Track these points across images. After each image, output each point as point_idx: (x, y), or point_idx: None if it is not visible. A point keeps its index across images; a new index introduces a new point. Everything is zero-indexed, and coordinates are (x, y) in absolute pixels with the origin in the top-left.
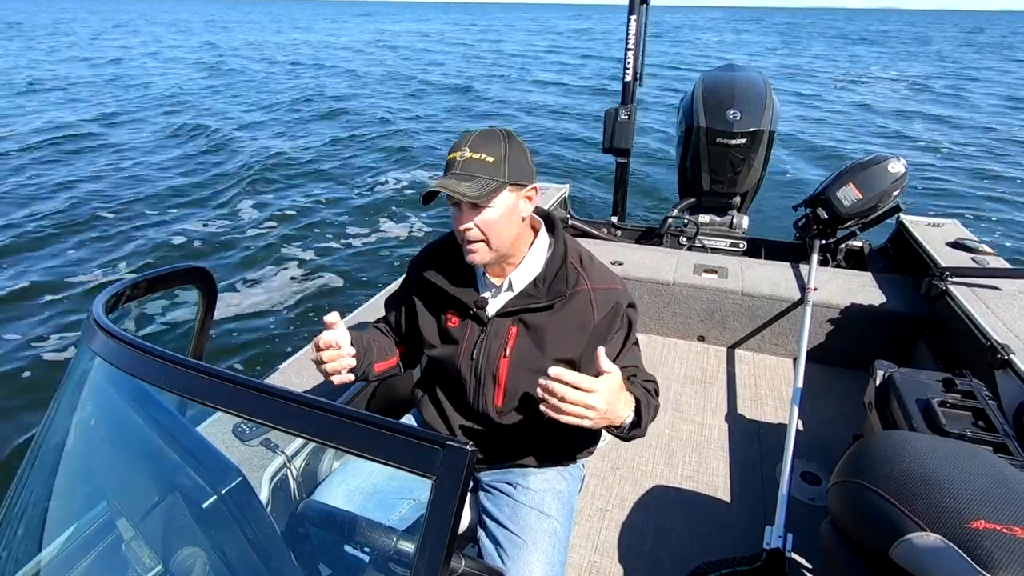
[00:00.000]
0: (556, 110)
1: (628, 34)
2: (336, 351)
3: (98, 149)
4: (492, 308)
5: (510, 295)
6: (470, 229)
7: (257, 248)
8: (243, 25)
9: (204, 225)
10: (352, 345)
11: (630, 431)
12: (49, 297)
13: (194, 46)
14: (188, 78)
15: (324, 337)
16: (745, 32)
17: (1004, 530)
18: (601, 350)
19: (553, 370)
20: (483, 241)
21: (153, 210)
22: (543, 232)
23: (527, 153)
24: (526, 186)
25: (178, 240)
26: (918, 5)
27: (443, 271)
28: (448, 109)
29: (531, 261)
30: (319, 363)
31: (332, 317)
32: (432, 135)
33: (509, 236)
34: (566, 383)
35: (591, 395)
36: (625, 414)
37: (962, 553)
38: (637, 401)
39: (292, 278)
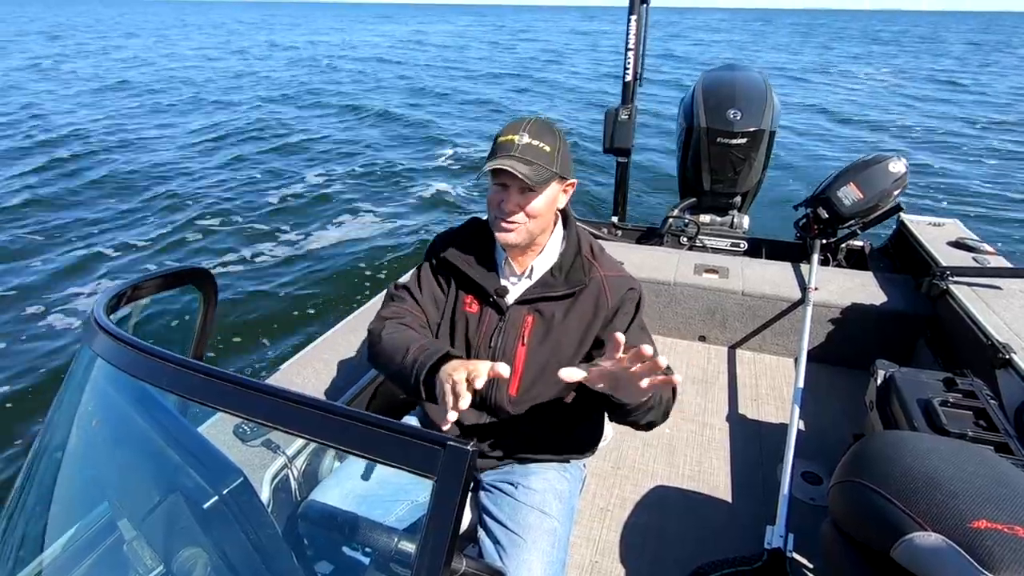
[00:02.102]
0: (557, 108)
1: (628, 34)
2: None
3: (97, 149)
4: (511, 297)
5: (528, 283)
6: (515, 212)
7: (258, 249)
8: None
9: (205, 225)
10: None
11: (639, 409)
12: (50, 297)
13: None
14: (217, 80)
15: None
16: (749, 32)
17: (1006, 530)
18: (619, 335)
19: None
20: (523, 225)
21: (154, 210)
22: (559, 224)
23: (570, 149)
24: (567, 180)
25: (179, 240)
26: (922, 7)
27: (468, 254)
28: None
29: (549, 250)
30: (453, 390)
31: (504, 369)
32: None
33: (544, 224)
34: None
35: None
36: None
37: (964, 553)
38: None
39: (294, 279)
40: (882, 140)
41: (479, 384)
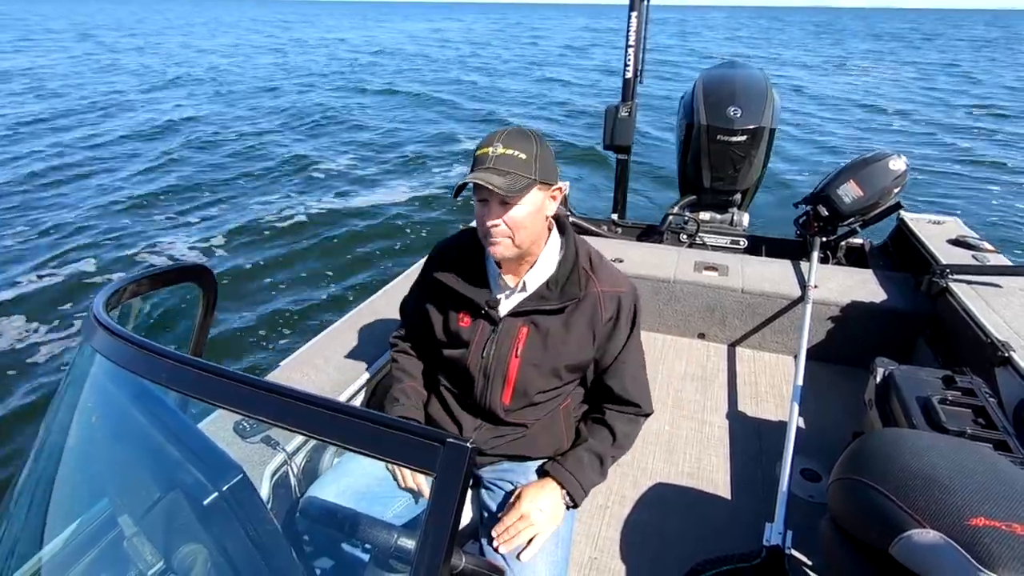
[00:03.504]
0: (556, 107)
1: (629, 31)
2: None
3: (101, 145)
4: (504, 308)
5: (522, 296)
6: (497, 225)
7: (258, 247)
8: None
9: (206, 223)
10: None
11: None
12: (50, 294)
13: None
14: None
15: None
16: (751, 29)
17: (1004, 527)
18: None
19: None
20: (509, 237)
21: (156, 208)
22: (555, 233)
23: (552, 154)
24: (552, 185)
25: (179, 238)
26: (924, 4)
27: (456, 271)
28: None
29: (544, 262)
30: None
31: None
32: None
33: (533, 233)
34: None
35: (523, 520)
36: (559, 506)
37: (962, 550)
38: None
39: (293, 276)
40: (882, 137)
41: None
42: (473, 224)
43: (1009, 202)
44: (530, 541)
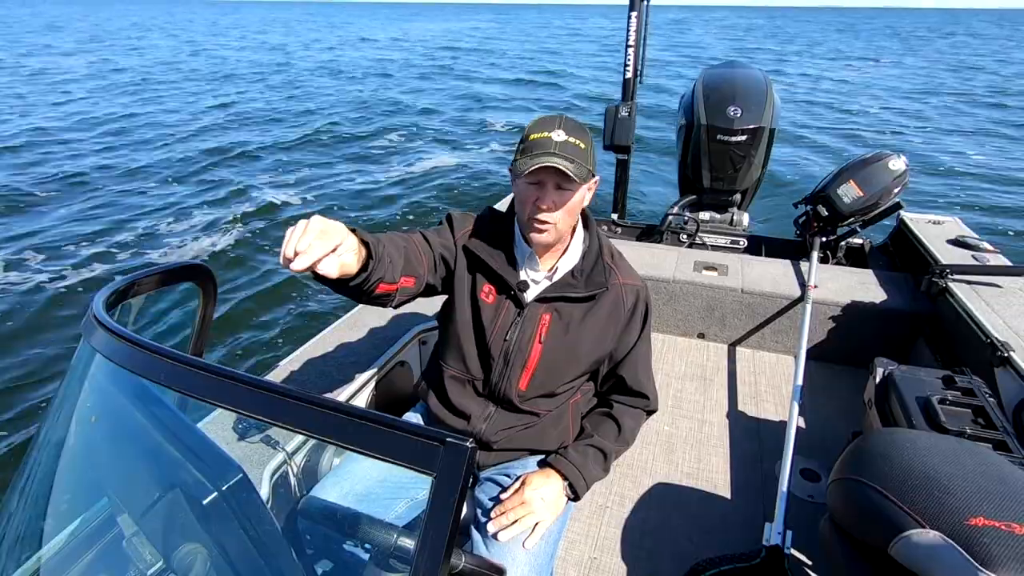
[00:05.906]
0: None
1: (628, 31)
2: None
3: (101, 145)
4: (530, 293)
5: (547, 283)
6: (551, 210)
7: (258, 245)
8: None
9: (205, 223)
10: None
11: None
12: (49, 293)
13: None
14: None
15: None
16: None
17: (1003, 527)
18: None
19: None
20: (555, 223)
21: (155, 208)
22: (579, 225)
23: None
24: (594, 177)
25: (179, 237)
26: (928, 4)
27: (490, 245)
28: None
29: (572, 251)
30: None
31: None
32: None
33: (572, 222)
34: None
35: (524, 505)
36: (561, 497)
37: (961, 550)
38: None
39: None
40: (882, 137)
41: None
42: (497, 206)
43: (1009, 201)
44: (533, 529)
